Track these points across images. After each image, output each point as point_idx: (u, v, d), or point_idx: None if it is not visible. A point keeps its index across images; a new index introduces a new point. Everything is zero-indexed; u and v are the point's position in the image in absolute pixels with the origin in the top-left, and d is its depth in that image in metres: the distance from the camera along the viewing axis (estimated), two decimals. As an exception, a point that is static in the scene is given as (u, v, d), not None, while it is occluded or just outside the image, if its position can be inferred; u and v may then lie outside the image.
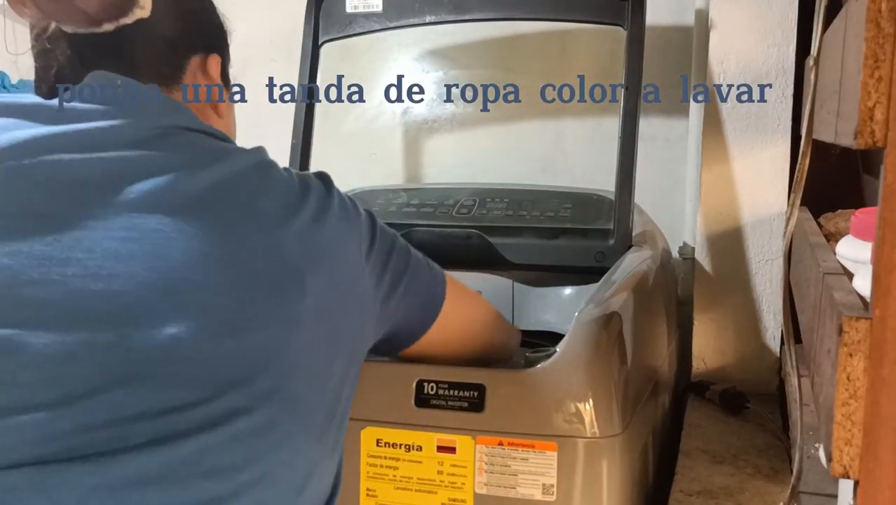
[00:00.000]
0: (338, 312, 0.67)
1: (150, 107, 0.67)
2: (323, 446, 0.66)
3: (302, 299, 0.63)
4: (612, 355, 0.80)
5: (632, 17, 1.13)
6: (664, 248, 1.24)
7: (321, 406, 0.65)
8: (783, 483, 0.93)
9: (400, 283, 0.75)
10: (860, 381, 0.55)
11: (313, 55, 1.29)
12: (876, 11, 0.52)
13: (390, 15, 1.26)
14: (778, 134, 1.21)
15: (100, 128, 0.63)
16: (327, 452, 0.67)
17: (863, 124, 0.53)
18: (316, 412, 0.65)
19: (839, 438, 0.55)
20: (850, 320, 0.55)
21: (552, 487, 0.75)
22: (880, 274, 0.53)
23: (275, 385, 0.60)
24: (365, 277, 0.71)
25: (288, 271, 0.63)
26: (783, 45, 1.20)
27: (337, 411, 0.68)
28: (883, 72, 0.52)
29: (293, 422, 0.62)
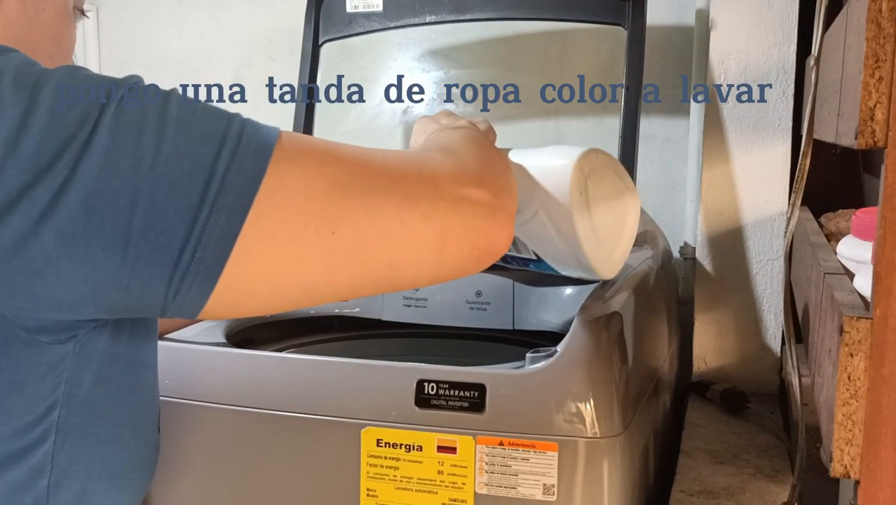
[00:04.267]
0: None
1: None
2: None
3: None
4: (613, 355, 0.80)
5: (632, 17, 1.13)
6: (665, 248, 1.24)
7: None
8: (784, 483, 0.93)
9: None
10: (861, 380, 0.55)
11: (313, 55, 1.29)
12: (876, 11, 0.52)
13: (390, 15, 1.26)
14: (778, 134, 1.21)
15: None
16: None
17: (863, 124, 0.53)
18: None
19: (840, 438, 0.55)
20: (851, 320, 0.55)
21: (553, 487, 0.75)
22: (881, 274, 0.53)
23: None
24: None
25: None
26: (784, 44, 1.20)
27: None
28: (883, 72, 0.52)
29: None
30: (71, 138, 0.52)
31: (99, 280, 0.54)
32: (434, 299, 1.14)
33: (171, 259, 0.54)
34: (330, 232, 0.57)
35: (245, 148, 0.55)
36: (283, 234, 0.56)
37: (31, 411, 0.59)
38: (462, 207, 0.62)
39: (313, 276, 0.58)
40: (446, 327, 1.14)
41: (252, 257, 0.55)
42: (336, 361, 0.84)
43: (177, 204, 0.53)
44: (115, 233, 0.53)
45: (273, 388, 0.83)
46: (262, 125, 0.58)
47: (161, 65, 1.71)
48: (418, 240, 0.61)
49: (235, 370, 0.84)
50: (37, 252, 0.53)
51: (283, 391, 0.83)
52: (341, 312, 1.17)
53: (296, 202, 0.56)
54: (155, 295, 0.56)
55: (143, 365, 0.69)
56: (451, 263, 0.63)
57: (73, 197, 0.52)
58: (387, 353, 1.12)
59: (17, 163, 0.52)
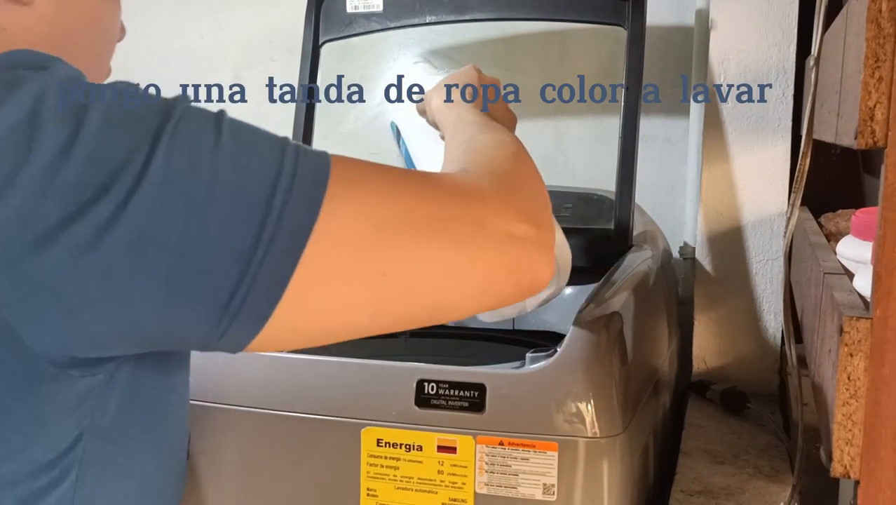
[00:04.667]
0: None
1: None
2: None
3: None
4: (613, 355, 0.80)
5: (632, 17, 1.13)
6: (665, 248, 1.24)
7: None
8: (784, 483, 0.93)
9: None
10: (861, 380, 0.55)
11: (313, 55, 1.29)
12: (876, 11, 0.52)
13: (390, 15, 1.26)
14: (778, 134, 1.21)
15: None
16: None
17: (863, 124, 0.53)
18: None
19: (840, 438, 0.56)
20: (851, 320, 0.55)
21: (553, 487, 0.75)
22: (881, 274, 0.53)
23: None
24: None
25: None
26: (783, 45, 1.20)
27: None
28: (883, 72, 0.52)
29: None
30: (119, 171, 0.48)
31: (140, 321, 0.51)
32: (434, 299, 1.14)
33: (220, 303, 0.50)
34: (380, 274, 0.54)
35: (300, 185, 0.52)
36: (334, 276, 0.53)
37: (54, 447, 0.56)
38: (507, 246, 0.60)
39: (360, 318, 0.56)
40: (446, 327, 1.14)
41: (302, 300, 0.52)
42: (336, 361, 0.84)
43: (229, 245, 0.50)
44: (162, 275, 0.49)
45: (273, 388, 0.83)
46: (312, 152, 0.54)
47: (161, 65, 1.71)
48: (464, 282, 0.59)
49: (235, 371, 0.84)
50: (74, 290, 0.49)
51: (283, 391, 0.83)
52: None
53: (347, 243, 0.53)
54: (199, 336, 0.53)
55: (172, 389, 0.65)
56: (492, 300, 0.62)
57: (120, 235, 0.48)
58: (387, 353, 1.12)
59: (58, 192, 0.48)
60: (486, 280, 0.59)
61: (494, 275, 0.59)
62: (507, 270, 0.60)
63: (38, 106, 0.49)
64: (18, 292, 0.49)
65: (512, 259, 0.60)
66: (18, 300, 0.50)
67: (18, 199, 0.48)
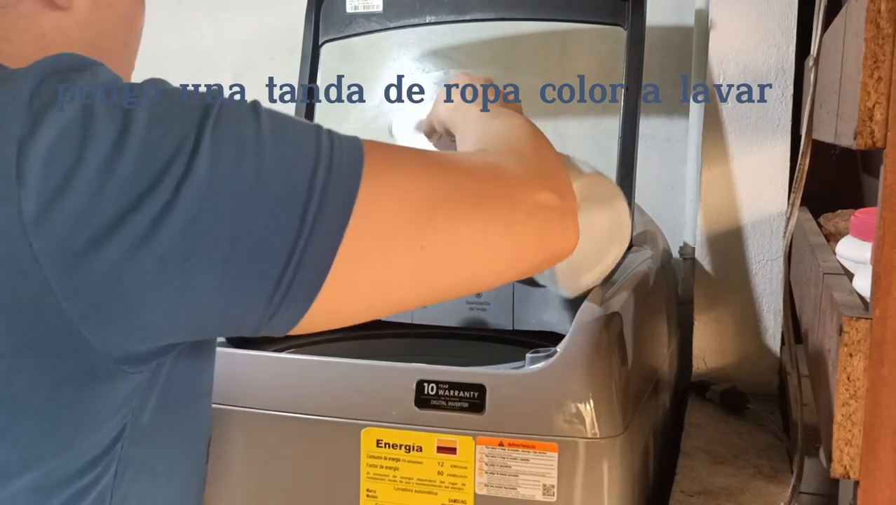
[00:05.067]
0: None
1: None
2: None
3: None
4: (613, 356, 0.80)
5: (632, 17, 1.13)
6: (664, 248, 1.24)
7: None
8: (784, 483, 0.93)
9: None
10: (860, 381, 0.55)
11: (313, 55, 1.29)
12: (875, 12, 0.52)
13: (390, 15, 1.26)
14: (778, 134, 1.21)
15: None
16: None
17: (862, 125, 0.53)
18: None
19: (839, 439, 0.56)
20: (851, 320, 0.55)
21: (553, 487, 0.75)
22: (880, 274, 0.53)
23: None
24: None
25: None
26: (783, 45, 1.20)
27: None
28: (882, 72, 0.52)
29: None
30: (171, 161, 0.50)
31: (197, 306, 0.53)
32: (434, 299, 1.14)
33: (271, 283, 0.53)
34: (419, 247, 0.57)
35: (339, 165, 0.54)
36: (377, 250, 0.56)
37: (100, 444, 0.57)
38: (536, 215, 0.64)
39: (403, 290, 0.59)
40: (446, 327, 1.14)
41: (348, 275, 0.55)
42: (336, 361, 0.84)
43: (278, 227, 0.52)
44: (217, 260, 0.51)
45: (273, 388, 0.83)
46: (345, 137, 0.57)
47: (161, 65, 1.70)
48: (498, 250, 0.62)
49: (235, 371, 0.84)
50: (135, 281, 0.51)
51: (283, 391, 0.83)
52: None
53: (388, 218, 0.56)
54: (252, 317, 0.54)
55: (200, 390, 0.67)
56: (524, 268, 0.66)
57: (175, 223, 0.50)
58: (387, 353, 1.12)
59: (115, 187, 0.50)
60: (517, 248, 0.63)
61: (525, 242, 0.64)
62: (537, 238, 0.64)
63: (87, 105, 0.51)
64: (80, 288, 0.51)
65: (540, 227, 0.64)
66: (80, 296, 0.51)
67: (76, 197, 0.49)
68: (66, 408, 0.54)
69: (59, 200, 0.49)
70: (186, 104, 0.53)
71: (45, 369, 0.53)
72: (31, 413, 0.54)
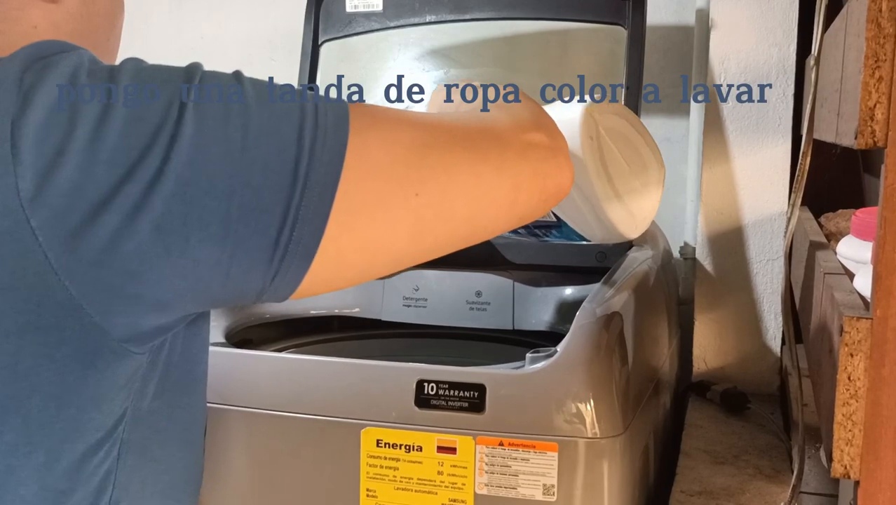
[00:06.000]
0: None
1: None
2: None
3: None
4: (613, 356, 0.80)
5: (632, 17, 1.13)
6: (665, 248, 1.24)
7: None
8: (784, 483, 0.93)
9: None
10: (861, 381, 0.54)
11: (313, 55, 1.29)
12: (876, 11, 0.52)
13: (390, 14, 1.26)
14: (778, 134, 1.21)
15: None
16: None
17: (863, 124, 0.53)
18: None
19: (840, 438, 0.55)
20: (851, 320, 0.54)
21: (553, 487, 0.75)
22: (881, 274, 0.53)
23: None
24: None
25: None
26: (784, 44, 1.20)
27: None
28: (883, 72, 0.52)
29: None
30: (158, 129, 0.51)
31: (199, 273, 0.53)
32: (434, 299, 1.14)
33: (270, 241, 0.53)
34: (414, 194, 0.57)
35: (324, 121, 0.55)
36: (372, 202, 0.56)
37: (103, 427, 0.58)
38: (528, 154, 0.64)
39: (402, 241, 0.59)
40: (446, 327, 1.14)
41: (345, 230, 0.55)
42: (336, 361, 0.84)
43: (271, 185, 0.52)
44: (214, 222, 0.52)
45: (273, 388, 0.83)
46: (328, 97, 0.58)
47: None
48: (494, 191, 0.62)
49: (235, 370, 0.84)
50: (133, 251, 0.51)
51: (283, 391, 0.83)
52: (341, 312, 1.16)
53: (379, 169, 0.56)
54: (254, 280, 0.55)
55: (196, 378, 0.67)
56: (523, 209, 0.65)
57: (168, 189, 0.51)
58: (387, 353, 1.12)
59: (105, 158, 0.50)
60: (513, 189, 0.63)
61: (521, 182, 0.63)
62: (532, 176, 0.64)
63: (73, 82, 0.52)
64: (80, 262, 0.51)
65: (534, 166, 0.64)
66: (81, 271, 0.51)
67: (69, 170, 0.50)
68: (71, 387, 0.55)
69: (52, 175, 0.50)
70: (168, 73, 0.54)
71: (50, 348, 0.53)
72: (38, 393, 0.54)
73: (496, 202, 0.62)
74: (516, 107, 0.70)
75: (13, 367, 0.53)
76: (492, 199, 0.62)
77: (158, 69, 0.54)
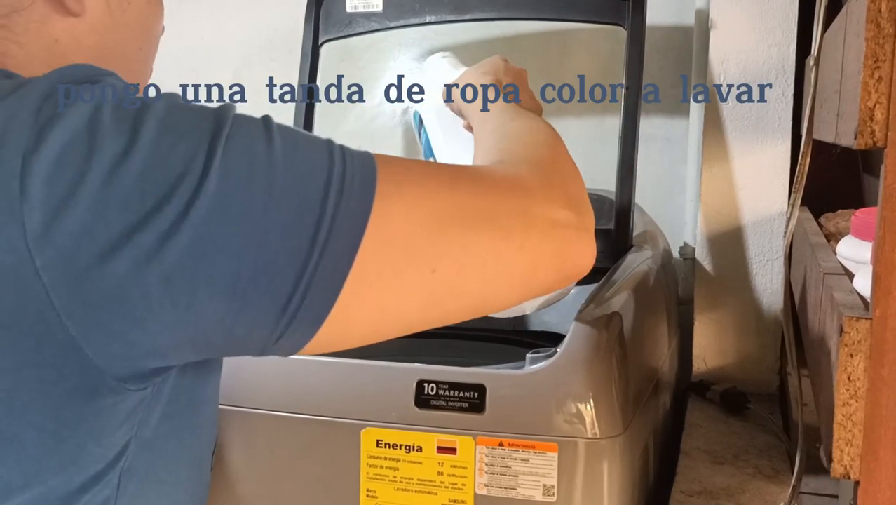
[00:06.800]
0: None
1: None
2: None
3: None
4: (613, 356, 0.80)
5: (632, 17, 1.13)
6: (665, 248, 1.24)
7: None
8: (784, 483, 0.93)
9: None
10: (861, 381, 0.55)
11: (313, 55, 1.29)
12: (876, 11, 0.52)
13: (390, 15, 1.26)
14: (778, 134, 1.21)
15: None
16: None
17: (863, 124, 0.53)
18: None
19: (840, 439, 0.55)
20: (851, 320, 0.55)
21: (553, 487, 0.75)
22: (881, 274, 0.53)
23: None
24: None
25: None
26: (783, 45, 1.20)
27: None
28: (883, 72, 0.52)
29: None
30: (179, 179, 0.49)
31: (202, 326, 0.52)
32: (434, 299, 1.14)
33: (278, 305, 0.51)
34: (431, 270, 0.56)
35: (350, 185, 0.53)
36: (388, 274, 0.54)
37: (103, 459, 0.57)
38: (551, 233, 0.62)
39: (412, 313, 0.58)
40: (446, 327, 1.13)
41: (358, 300, 0.53)
42: (336, 362, 0.84)
43: (287, 248, 0.51)
44: (224, 279, 0.50)
45: (272, 389, 0.83)
46: (357, 153, 0.55)
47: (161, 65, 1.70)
48: (511, 271, 0.60)
49: (235, 371, 0.84)
50: (139, 299, 0.50)
51: (283, 392, 0.83)
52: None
53: (399, 241, 0.54)
54: (258, 340, 0.54)
55: (204, 399, 0.66)
56: (538, 288, 0.64)
57: (183, 242, 0.49)
58: (387, 353, 1.11)
59: (120, 202, 0.48)
60: (531, 268, 0.61)
61: (539, 262, 0.61)
62: (552, 257, 0.62)
63: (96, 116, 0.50)
64: (83, 304, 0.50)
65: (556, 246, 0.62)
66: (83, 312, 0.50)
67: (82, 209, 0.48)
68: (69, 424, 0.54)
69: (62, 216, 0.48)
70: (196, 120, 0.52)
71: (47, 386, 0.52)
72: (34, 429, 0.53)
73: (511, 280, 0.61)
74: (552, 167, 0.67)
75: (9, 402, 0.52)
76: (508, 278, 0.60)
77: (188, 114, 0.52)
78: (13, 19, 0.60)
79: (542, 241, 0.61)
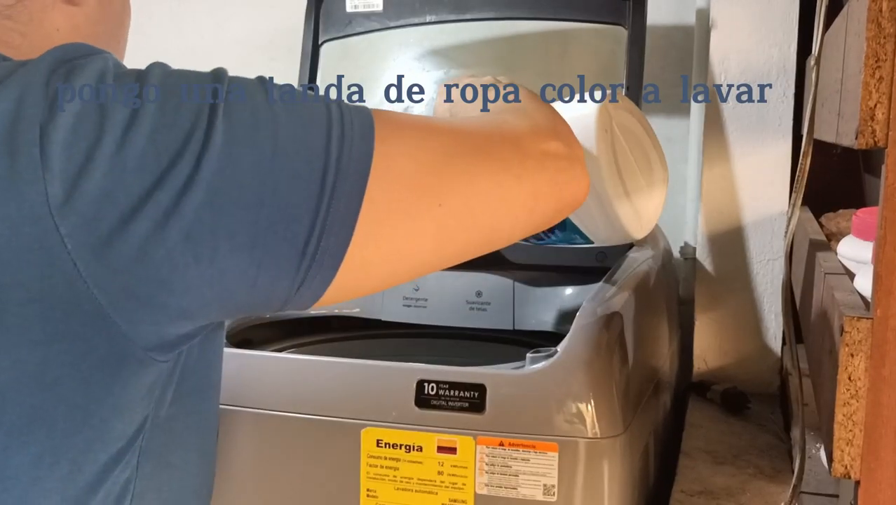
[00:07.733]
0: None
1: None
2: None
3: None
4: (613, 356, 0.80)
5: (633, 17, 1.13)
6: (665, 247, 1.24)
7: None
8: (784, 483, 0.93)
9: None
10: (861, 381, 0.54)
11: (313, 55, 1.29)
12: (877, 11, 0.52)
13: (390, 14, 1.26)
14: (779, 134, 1.21)
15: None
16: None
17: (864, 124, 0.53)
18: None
19: (840, 439, 0.55)
20: (852, 320, 0.54)
21: (553, 487, 0.75)
22: (881, 274, 0.53)
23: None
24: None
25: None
26: (784, 44, 1.20)
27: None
28: (884, 72, 0.52)
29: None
30: (189, 136, 0.51)
31: (226, 282, 0.53)
32: (434, 299, 1.14)
33: (297, 251, 0.53)
34: (438, 204, 0.58)
35: (350, 130, 0.55)
36: (398, 211, 0.56)
37: (124, 435, 0.57)
38: (546, 163, 0.65)
39: (426, 250, 0.60)
40: (446, 327, 1.14)
41: (371, 239, 0.55)
42: (336, 361, 0.84)
43: (300, 194, 0.53)
44: (243, 231, 0.52)
45: (273, 388, 0.83)
46: (352, 105, 0.58)
47: (161, 65, 1.71)
48: (513, 200, 0.63)
49: (236, 371, 0.84)
50: (162, 259, 0.51)
51: (284, 391, 0.83)
52: (341, 312, 1.17)
53: (404, 178, 0.57)
54: (280, 289, 0.55)
55: (210, 383, 0.67)
56: (540, 217, 0.67)
57: (199, 197, 0.51)
58: (387, 353, 1.12)
59: (135, 165, 0.50)
60: (532, 197, 0.64)
61: (539, 191, 0.64)
62: (549, 186, 0.65)
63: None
64: (110, 270, 0.51)
65: (552, 175, 0.65)
66: (110, 279, 0.51)
67: (98, 177, 0.50)
68: (96, 397, 0.55)
69: (82, 182, 0.50)
70: (196, 79, 0.54)
71: (77, 357, 0.53)
72: (64, 403, 0.54)
73: (515, 210, 0.63)
74: (533, 112, 0.70)
75: (39, 377, 0.53)
76: (511, 207, 0.63)
77: (186, 74, 0.54)
78: (17, 9, 0.62)
79: (539, 171, 0.64)
